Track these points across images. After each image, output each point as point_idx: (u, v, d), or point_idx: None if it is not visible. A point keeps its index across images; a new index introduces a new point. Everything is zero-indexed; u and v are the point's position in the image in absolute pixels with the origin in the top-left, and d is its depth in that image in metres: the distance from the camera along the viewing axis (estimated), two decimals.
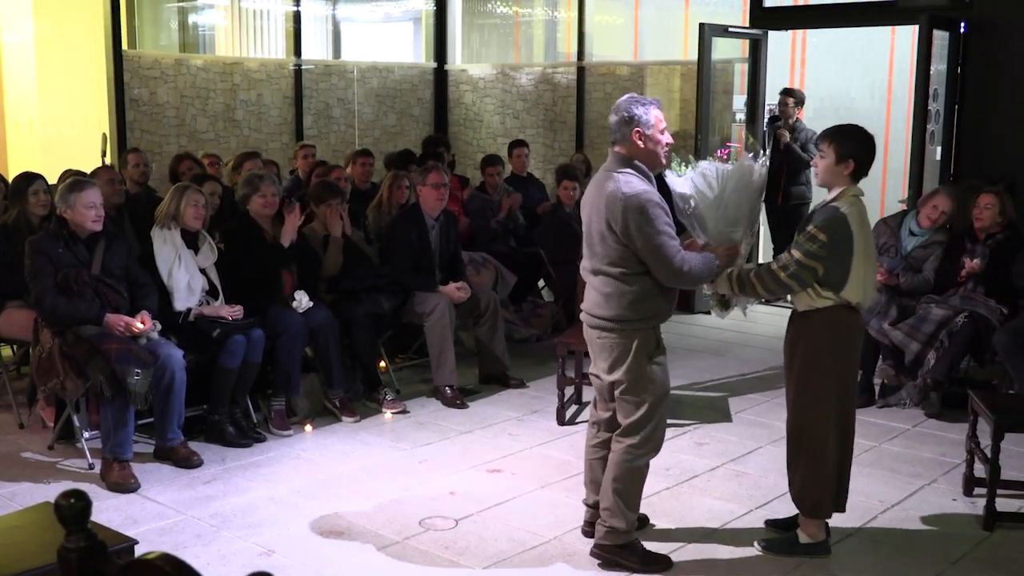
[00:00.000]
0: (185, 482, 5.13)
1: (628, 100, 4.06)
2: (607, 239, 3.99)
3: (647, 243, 3.91)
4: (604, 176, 4.06)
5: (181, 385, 5.28)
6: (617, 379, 4.11)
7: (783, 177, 9.39)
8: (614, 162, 4.07)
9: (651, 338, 4.11)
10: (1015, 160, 7.85)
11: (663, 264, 3.94)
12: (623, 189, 3.93)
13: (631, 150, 4.04)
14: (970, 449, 5.00)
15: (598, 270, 4.07)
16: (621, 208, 3.91)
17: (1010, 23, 7.91)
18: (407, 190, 7.43)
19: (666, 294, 4.10)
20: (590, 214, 4.09)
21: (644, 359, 4.07)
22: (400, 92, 11.30)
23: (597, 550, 4.26)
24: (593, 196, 4.08)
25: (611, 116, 4.10)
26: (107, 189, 6.34)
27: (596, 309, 4.10)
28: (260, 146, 9.44)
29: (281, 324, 5.86)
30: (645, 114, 4.01)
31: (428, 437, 5.90)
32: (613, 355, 4.09)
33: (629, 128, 4.01)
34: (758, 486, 5.15)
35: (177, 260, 5.62)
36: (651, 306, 4.06)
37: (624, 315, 4.03)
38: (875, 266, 4.28)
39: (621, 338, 4.06)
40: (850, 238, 4.05)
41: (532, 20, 13.05)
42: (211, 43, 12.08)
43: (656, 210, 3.92)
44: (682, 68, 10.23)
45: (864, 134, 4.20)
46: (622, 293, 4.01)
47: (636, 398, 4.10)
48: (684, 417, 6.24)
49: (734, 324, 8.75)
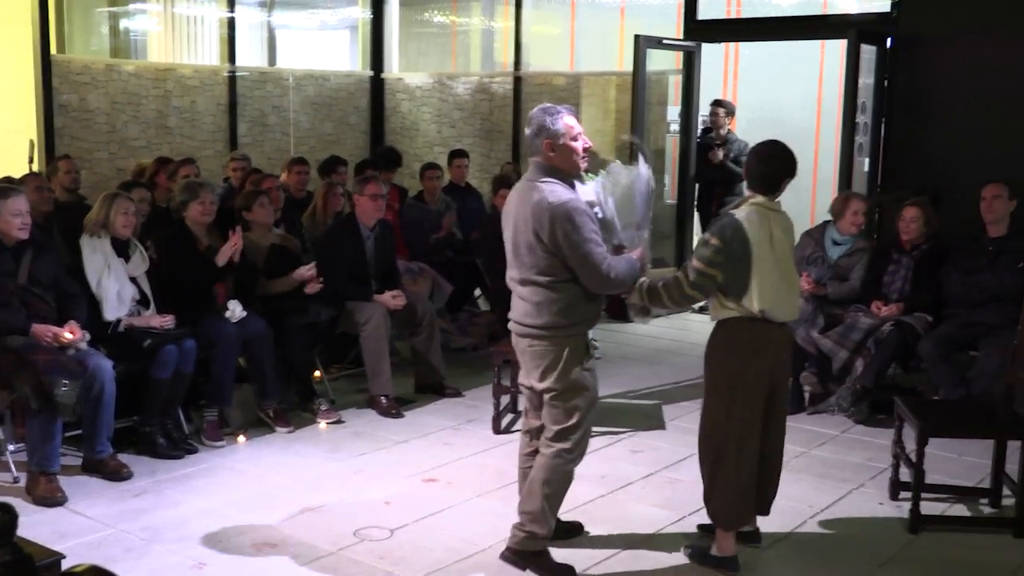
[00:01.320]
0: (115, 495, 5.05)
1: (538, 111, 4.08)
2: (535, 249, 4.01)
3: (575, 251, 3.94)
4: (527, 186, 4.07)
5: (111, 396, 5.19)
6: (548, 386, 4.12)
7: (717, 188, 9.52)
8: (535, 172, 4.09)
9: (581, 344, 4.13)
10: (940, 171, 8.05)
11: (591, 271, 3.97)
12: (549, 199, 3.95)
13: (547, 160, 4.06)
14: (896, 454, 5.11)
15: (526, 279, 4.09)
16: (548, 217, 3.92)
17: (934, 38, 8.11)
18: (342, 198, 7.41)
19: (594, 299, 4.14)
20: (516, 224, 4.10)
21: (575, 365, 4.09)
22: (336, 100, 11.27)
23: (510, 554, 4.27)
24: (518, 206, 4.09)
25: (526, 129, 4.15)
26: (35, 197, 6.22)
27: (526, 318, 4.11)
28: (194, 153, 9.33)
29: (214, 334, 5.80)
30: (554, 124, 4.02)
31: (364, 447, 5.87)
32: (545, 362, 4.10)
33: (540, 139, 4.05)
34: (692, 492, 5.19)
35: (107, 269, 5.53)
36: (580, 312, 4.09)
37: (555, 322, 4.05)
38: (791, 276, 4.23)
39: (552, 345, 4.07)
40: (745, 243, 4.04)
41: (469, 29, 13.09)
42: (143, 49, 11.91)
43: (582, 218, 3.95)
44: (618, 79, 10.33)
45: (763, 148, 4.24)
46: (552, 301, 4.03)
47: (567, 404, 4.11)
48: (619, 425, 6.29)
49: (668, 332, 8.85)
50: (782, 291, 4.14)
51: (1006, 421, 4.84)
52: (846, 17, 9.28)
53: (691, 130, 9.73)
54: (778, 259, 4.13)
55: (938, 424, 4.83)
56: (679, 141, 9.82)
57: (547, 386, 4.12)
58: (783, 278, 4.15)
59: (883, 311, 6.37)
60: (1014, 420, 4.82)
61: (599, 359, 7.79)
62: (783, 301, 4.15)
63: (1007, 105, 7.77)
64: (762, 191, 4.17)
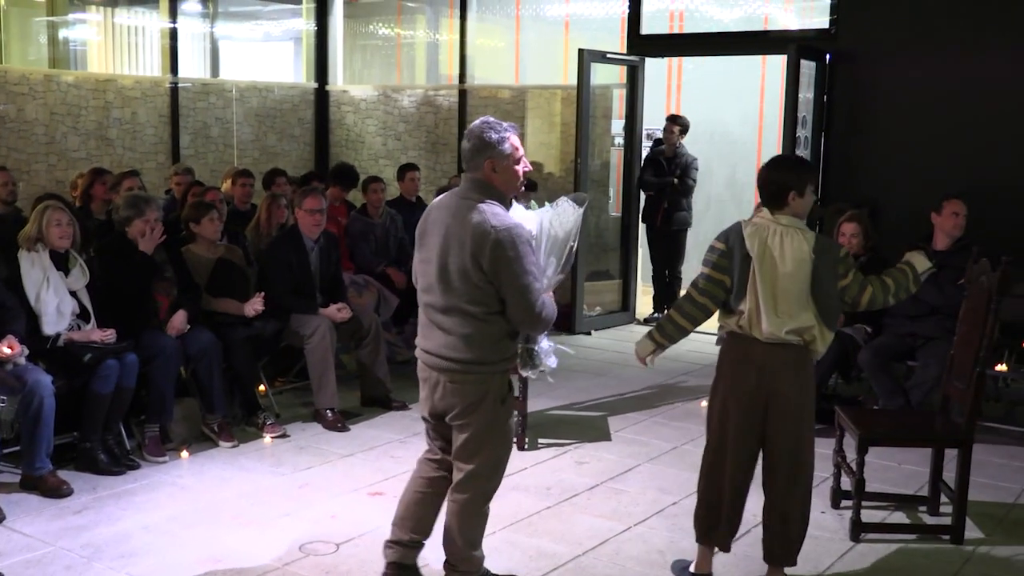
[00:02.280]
0: (54, 512, 4.96)
1: (482, 126, 3.72)
2: (470, 276, 3.63)
3: (513, 281, 3.60)
4: (463, 205, 3.69)
5: (50, 412, 5.10)
6: (465, 423, 3.80)
7: (665, 202, 9.60)
8: (472, 189, 3.73)
9: (506, 381, 3.84)
10: (878, 184, 8.21)
11: (524, 306, 3.63)
12: (492, 222, 3.59)
13: (487, 178, 3.73)
14: (837, 463, 5.19)
15: (454, 308, 3.69)
16: (492, 243, 3.56)
17: (871, 53, 8.28)
18: (285, 210, 7.36)
19: (516, 336, 3.85)
20: (444, 245, 3.69)
21: (498, 404, 3.80)
22: (280, 112, 11.20)
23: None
24: (449, 225, 3.69)
25: (464, 143, 3.77)
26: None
27: (450, 351, 3.73)
28: (135, 165, 9.21)
29: (155, 347, 5.72)
30: (500, 143, 3.70)
31: (309, 461, 5.83)
32: (466, 401, 3.76)
33: (482, 157, 3.70)
34: (637, 504, 5.24)
35: (46, 283, 5.44)
36: (509, 346, 3.81)
37: (486, 357, 3.72)
38: (782, 295, 4.00)
39: (478, 382, 3.75)
40: (744, 248, 4.01)
41: (414, 42, 13.09)
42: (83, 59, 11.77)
43: (526, 247, 3.63)
44: (563, 92, 10.40)
45: (770, 161, 4.28)
46: (483, 334, 3.69)
47: (485, 445, 3.82)
48: (564, 437, 6.31)
49: (614, 344, 8.91)
50: (767, 308, 3.99)
51: (944, 430, 4.95)
52: (786, 33, 9.45)
53: (635, 143, 9.82)
54: (771, 275, 4.00)
55: (878, 433, 4.91)
56: (623, 154, 9.90)
57: (464, 422, 3.80)
58: (772, 296, 4.00)
59: None
60: (951, 429, 4.92)
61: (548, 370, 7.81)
62: (763, 319, 4.00)
63: (943, 120, 7.96)
64: (765, 203, 4.15)
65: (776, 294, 4.01)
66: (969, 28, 7.88)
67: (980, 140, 7.81)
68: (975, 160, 7.76)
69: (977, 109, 7.83)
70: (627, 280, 10.01)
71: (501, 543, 4.68)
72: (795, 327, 4.01)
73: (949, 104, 7.95)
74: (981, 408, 4.98)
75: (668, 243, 9.76)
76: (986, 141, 7.78)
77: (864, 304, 4.14)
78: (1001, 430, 6.40)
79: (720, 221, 11.51)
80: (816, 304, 4.02)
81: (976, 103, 7.83)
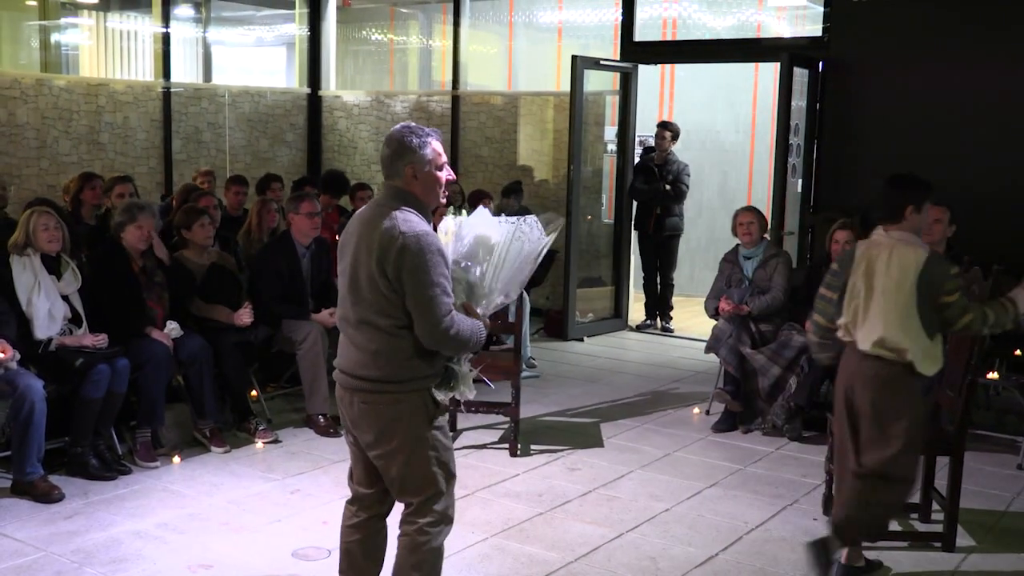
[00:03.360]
0: (45, 517, 4.94)
1: (403, 130, 3.50)
2: (377, 284, 3.37)
3: (417, 292, 3.32)
4: (376, 211, 3.46)
5: (41, 417, 5.08)
6: (388, 450, 3.47)
7: (657, 208, 9.61)
8: (389, 196, 3.48)
9: (427, 399, 3.48)
10: (869, 192, 8.20)
11: (429, 320, 3.33)
12: (401, 227, 3.35)
13: (406, 185, 3.48)
14: (829, 470, 5.19)
15: (364, 320, 3.43)
16: (398, 248, 3.32)
17: (863, 62, 8.32)
18: (276, 214, 7.36)
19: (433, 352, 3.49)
20: (356, 253, 3.46)
21: (423, 424, 3.46)
22: (273, 117, 11.19)
23: None
24: (361, 233, 3.46)
25: (384, 148, 3.52)
26: None
27: (359, 369, 3.46)
28: (127, 170, 9.20)
29: (146, 353, 5.71)
30: (421, 148, 3.47)
31: (300, 467, 5.82)
32: (381, 423, 3.45)
33: (402, 162, 3.46)
34: (628, 510, 5.24)
35: (37, 287, 5.42)
36: (427, 363, 3.46)
37: (396, 375, 3.42)
38: (877, 308, 4.21)
39: (392, 403, 3.43)
40: (846, 263, 4.32)
41: (407, 48, 13.11)
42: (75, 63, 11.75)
43: (435, 257, 3.35)
44: (555, 99, 10.41)
45: (888, 178, 4.42)
46: (393, 349, 3.40)
47: (420, 471, 3.47)
48: (556, 443, 6.31)
49: (606, 351, 8.91)
50: (861, 320, 4.25)
51: (935, 438, 4.95)
52: (779, 41, 9.49)
53: (628, 150, 9.84)
54: (869, 288, 4.22)
55: None
56: (616, 161, 9.92)
57: (386, 450, 3.48)
58: (866, 308, 4.23)
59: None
60: (942, 437, 4.93)
61: (537, 377, 7.83)
62: (857, 330, 4.27)
63: (934, 129, 7.99)
64: (883, 218, 4.32)
65: (871, 307, 4.22)
66: (960, 38, 7.92)
67: (971, 149, 7.84)
68: (966, 169, 7.79)
69: (968, 118, 7.87)
70: (619, 287, 10.02)
71: (492, 550, 4.68)
72: (886, 341, 4.16)
73: (940, 113, 7.98)
74: (972, 416, 4.99)
75: (660, 249, 9.77)
76: (977, 150, 7.82)
77: (959, 327, 4.21)
78: (992, 438, 6.41)
79: (712, 228, 11.57)
80: (920, 319, 4.14)
81: (967, 112, 7.87)
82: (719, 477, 5.76)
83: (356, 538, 3.66)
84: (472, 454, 6.04)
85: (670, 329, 9.81)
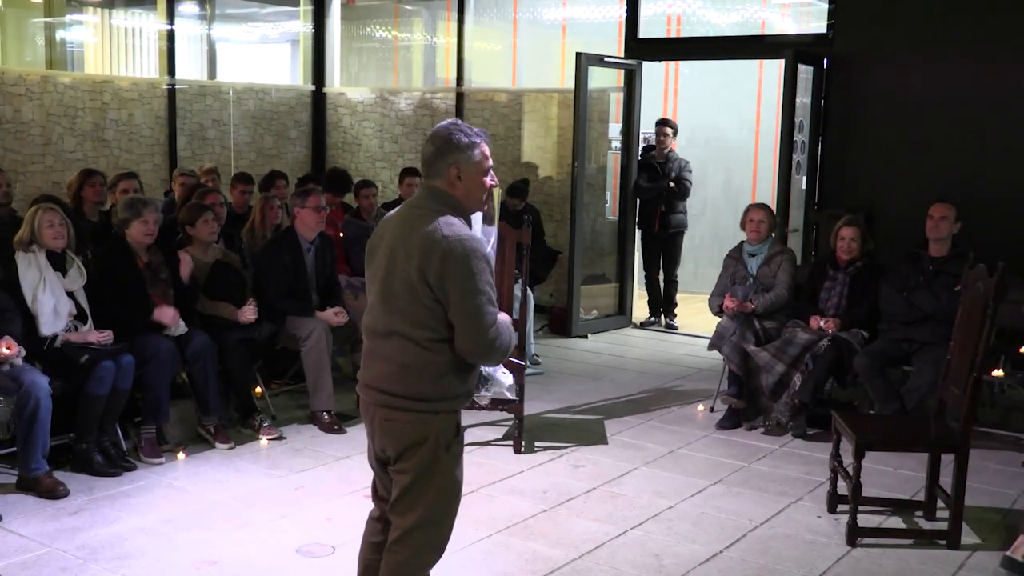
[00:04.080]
0: (50, 513, 4.95)
1: (450, 127, 3.26)
2: (418, 293, 3.13)
3: (463, 301, 3.09)
4: (413, 213, 3.22)
5: (46, 413, 5.09)
6: (400, 468, 3.26)
7: (662, 205, 9.60)
8: (428, 198, 3.24)
9: (452, 423, 3.27)
10: (873, 189, 8.23)
11: (475, 331, 3.12)
12: (443, 231, 3.11)
13: (448, 187, 3.24)
14: (833, 467, 5.20)
15: (395, 331, 3.21)
16: (441, 253, 3.08)
17: (868, 59, 8.31)
18: (280, 211, 7.36)
19: (472, 368, 3.31)
20: (392, 258, 3.20)
21: (440, 450, 3.23)
22: (277, 114, 11.20)
23: None
24: (397, 237, 3.22)
25: (427, 145, 3.27)
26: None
27: (388, 383, 3.24)
28: (132, 167, 9.22)
29: (150, 349, 5.72)
30: (469, 148, 3.22)
31: (305, 463, 5.82)
32: (405, 442, 3.22)
33: (445, 162, 3.21)
34: (633, 507, 5.24)
35: (42, 283, 5.43)
36: (459, 381, 3.25)
37: (426, 392, 3.19)
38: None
39: (418, 422, 3.21)
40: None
41: (411, 45, 13.11)
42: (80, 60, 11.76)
43: (481, 263, 3.12)
44: (559, 96, 10.41)
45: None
46: (426, 364, 3.18)
47: (425, 497, 3.24)
48: (560, 440, 6.31)
49: (610, 348, 8.91)
50: None
51: (940, 435, 4.95)
52: (783, 38, 9.46)
53: (632, 147, 9.83)
54: None
55: (874, 438, 4.92)
56: (620, 158, 9.91)
57: (398, 468, 3.27)
58: None
59: (821, 324, 6.49)
60: (947, 434, 4.93)
61: (541, 374, 7.83)
62: None
63: (938, 126, 7.99)
64: None
65: None
66: (965, 35, 7.91)
67: (976, 146, 7.83)
68: (971, 166, 7.79)
69: (973, 115, 7.86)
70: (623, 284, 10.01)
71: (496, 546, 4.68)
72: None
73: (945, 110, 7.97)
74: (977, 413, 4.98)
75: (665, 246, 9.76)
76: (982, 147, 7.81)
77: None
78: (997, 435, 6.41)
79: (716, 225, 11.57)
80: None
81: (972, 109, 7.86)
82: (723, 474, 5.76)
83: (379, 557, 3.39)
84: (476, 451, 6.05)
85: (674, 326, 9.81)
